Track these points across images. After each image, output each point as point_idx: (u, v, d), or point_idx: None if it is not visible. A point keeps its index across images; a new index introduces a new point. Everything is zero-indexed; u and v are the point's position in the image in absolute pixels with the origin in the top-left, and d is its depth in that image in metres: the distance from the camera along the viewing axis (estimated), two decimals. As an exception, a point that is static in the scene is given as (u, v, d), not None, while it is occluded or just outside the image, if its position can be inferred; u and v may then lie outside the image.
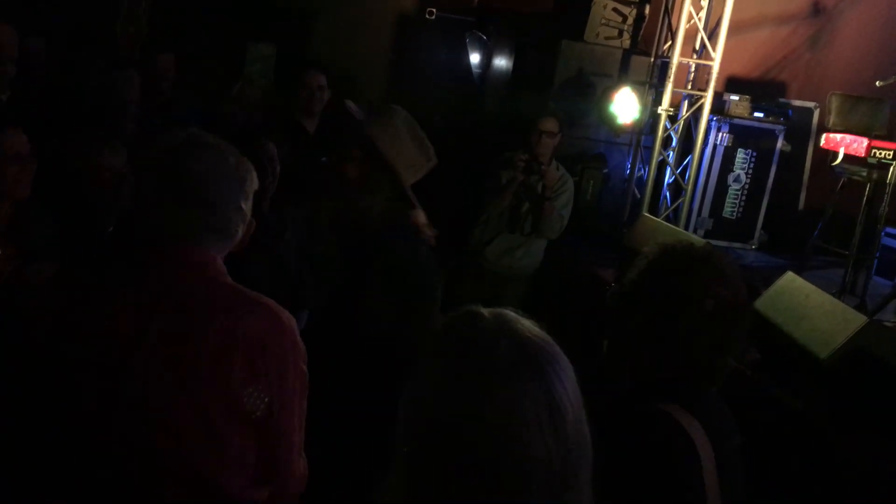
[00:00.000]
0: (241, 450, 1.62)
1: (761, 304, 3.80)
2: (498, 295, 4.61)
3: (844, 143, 4.97)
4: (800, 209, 6.76)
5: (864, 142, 4.81)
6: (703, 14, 6.05)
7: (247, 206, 1.69)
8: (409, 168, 2.33)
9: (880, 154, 4.74)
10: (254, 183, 1.71)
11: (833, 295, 4.50)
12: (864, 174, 4.97)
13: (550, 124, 4.61)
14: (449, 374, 0.98)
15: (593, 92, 6.19)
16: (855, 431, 3.09)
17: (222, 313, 1.60)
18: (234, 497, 1.63)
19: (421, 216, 2.47)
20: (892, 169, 4.53)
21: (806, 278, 4.85)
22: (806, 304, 3.59)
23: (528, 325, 1.03)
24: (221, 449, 1.59)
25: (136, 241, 1.70)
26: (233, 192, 1.65)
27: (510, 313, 1.05)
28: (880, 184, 4.75)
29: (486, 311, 1.05)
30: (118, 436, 1.57)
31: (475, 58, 7.18)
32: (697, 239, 4.73)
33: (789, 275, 3.91)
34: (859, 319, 3.31)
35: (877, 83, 4.56)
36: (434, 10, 7.04)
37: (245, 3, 6.56)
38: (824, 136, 5.26)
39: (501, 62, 6.99)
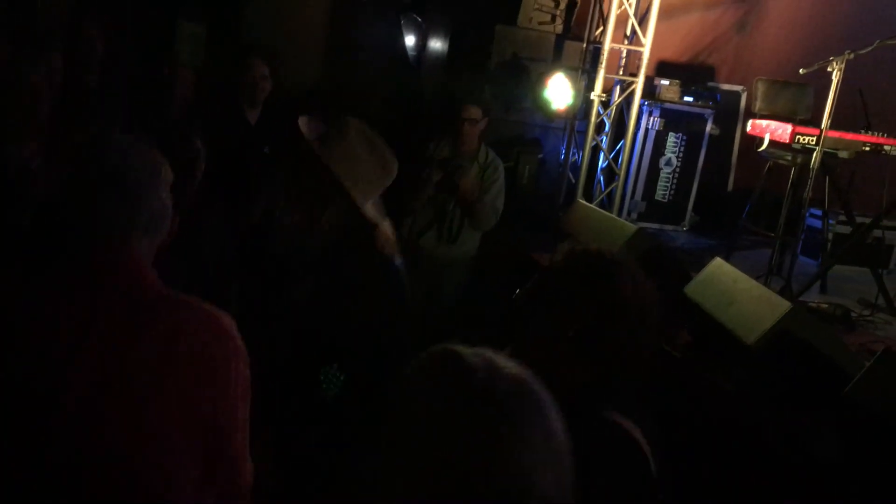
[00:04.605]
0: (187, 458, 1.60)
1: (691, 289, 3.90)
2: (437, 282, 4.63)
3: (770, 130, 5.12)
4: (729, 190, 6.95)
5: (789, 128, 4.96)
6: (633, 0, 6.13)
7: (166, 198, 1.67)
8: (365, 184, 2.29)
9: (804, 140, 4.90)
10: (168, 174, 1.68)
11: (761, 275, 4.66)
12: (789, 158, 5.13)
13: (472, 112, 4.55)
14: (449, 420, 0.95)
15: (528, 76, 6.22)
16: (782, 411, 3.22)
17: (162, 322, 1.57)
18: None
19: (383, 232, 2.40)
20: (815, 154, 4.68)
21: (735, 258, 5.01)
22: (733, 290, 3.70)
23: (508, 361, 1.02)
24: (168, 457, 1.57)
25: (59, 241, 1.63)
26: (152, 183, 1.63)
27: (488, 351, 1.03)
28: (804, 168, 4.90)
29: (463, 351, 1.02)
30: (59, 448, 1.52)
31: (410, 40, 7.13)
32: (629, 225, 4.82)
33: (717, 261, 4.02)
34: (784, 305, 3.42)
35: (800, 71, 4.69)
36: (368, -10, 6.97)
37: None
38: (750, 122, 5.41)
39: (437, 45, 6.96)
